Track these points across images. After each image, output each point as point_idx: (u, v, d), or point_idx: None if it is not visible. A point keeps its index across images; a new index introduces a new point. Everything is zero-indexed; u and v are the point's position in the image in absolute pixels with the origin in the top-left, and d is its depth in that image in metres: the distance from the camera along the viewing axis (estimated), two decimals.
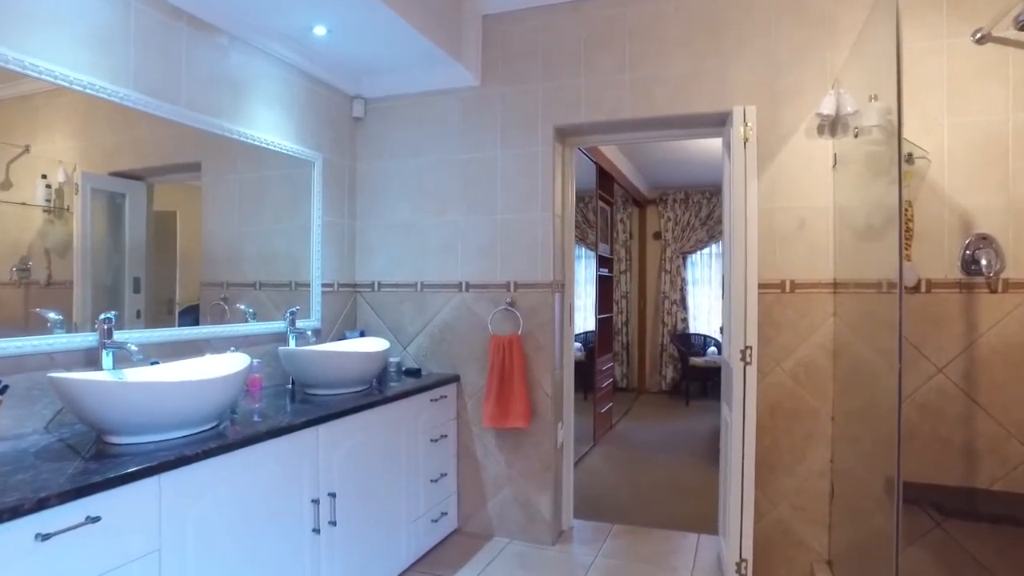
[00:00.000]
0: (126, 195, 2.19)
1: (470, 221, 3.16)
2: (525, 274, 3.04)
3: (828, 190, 2.61)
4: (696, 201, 7.51)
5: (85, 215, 2.02)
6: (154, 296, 2.31)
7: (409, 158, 3.29)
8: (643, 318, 7.85)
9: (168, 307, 2.39)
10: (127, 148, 2.16)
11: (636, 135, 3.07)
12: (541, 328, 3.01)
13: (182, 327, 2.37)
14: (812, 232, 2.63)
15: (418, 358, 3.25)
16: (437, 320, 3.22)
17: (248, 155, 2.71)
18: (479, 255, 3.13)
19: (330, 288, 3.19)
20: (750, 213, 2.45)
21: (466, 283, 3.16)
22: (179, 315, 2.41)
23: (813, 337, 2.62)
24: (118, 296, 2.18)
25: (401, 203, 3.31)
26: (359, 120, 3.39)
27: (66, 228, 1.97)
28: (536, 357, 3.02)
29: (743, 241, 2.46)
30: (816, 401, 2.63)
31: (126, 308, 2.20)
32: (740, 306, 2.46)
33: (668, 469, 4.52)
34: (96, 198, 2.08)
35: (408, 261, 3.29)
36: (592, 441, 5.16)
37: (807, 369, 2.63)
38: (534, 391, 3.02)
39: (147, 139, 2.23)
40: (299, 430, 2.03)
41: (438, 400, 2.97)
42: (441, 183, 3.22)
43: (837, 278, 2.59)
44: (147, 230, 2.26)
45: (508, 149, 3.08)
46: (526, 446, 3.05)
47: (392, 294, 3.32)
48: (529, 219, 3.03)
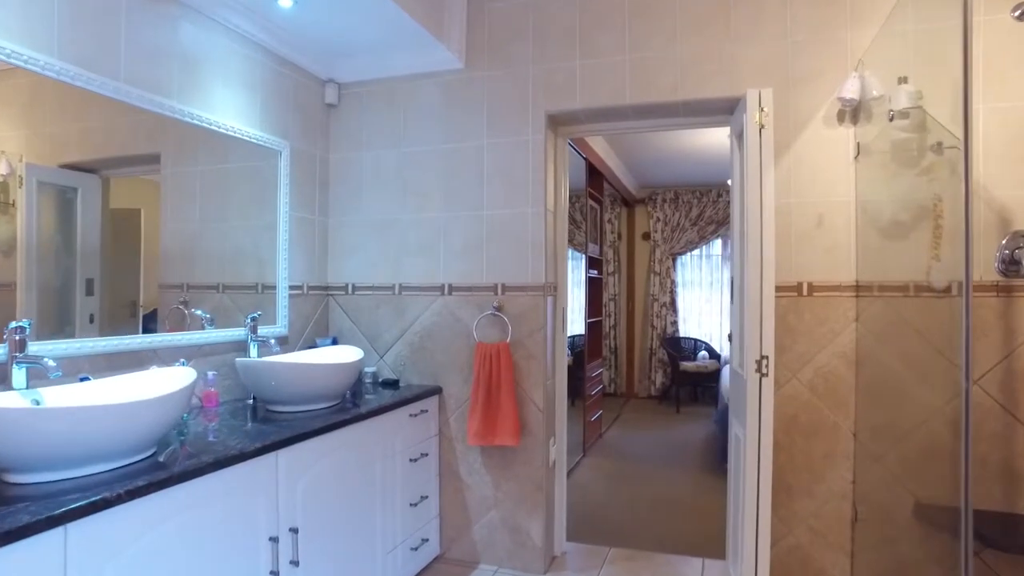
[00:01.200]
0: (78, 189, 1.98)
1: (453, 218, 2.88)
2: (514, 276, 2.77)
3: (849, 183, 2.37)
4: (686, 201, 7.29)
5: (31, 211, 1.82)
6: (113, 299, 2.11)
7: (387, 149, 3.01)
8: (632, 321, 7.62)
9: (131, 310, 2.17)
10: (78, 138, 1.97)
11: (637, 124, 2.81)
12: (531, 335, 2.74)
13: (124, 335, 2.06)
14: (831, 229, 2.39)
15: (396, 368, 2.97)
16: (417, 326, 2.94)
17: (211, 145, 2.45)
18: (463, 255, 2.86)
19: (298, 291, 2.89)
20: (767, 209, 2.20)
21: (449, 286, 2.88)
22: (144, 319, 2.20)
23: (833, 345, 2.38)
24: (68, 299, 1.96)
25: (378, 198, 3.02)
26: (332, 107, 3.10)
27: (9, 225, 1.77)
28: (526, 367, 2.75)
29: (759, 240, 2.21)
30: (836, 415, 2.38)
31: (77, 312, 1.98)
32: (755, 312, 2.20)
33: (663, 482, 4.27)
34: (44, 192, 1.87)
35: (385, 261, 3.00)
36: (582, 451, 4.90)
37: (826, 380, 2.39)
38: (524, 405, 2.75)
39: (100, 128, 2.03)
40: (254, 457, 1.73)
41: (418, 415, 2.69)
42: (422, 176, 2.94)
43: (860, 280, 2.35)
44: (103, 228, 2.05)
45: (495, 138, 2.81)
46: (515, 465, 2.77)
47: (368, 297, 3.03)
48: (518, 215, 2.76)
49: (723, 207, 7.17)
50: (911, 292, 2.28)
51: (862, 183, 2.34)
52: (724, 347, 7.27)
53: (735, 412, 2.50)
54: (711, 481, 4.27)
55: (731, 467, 2.57)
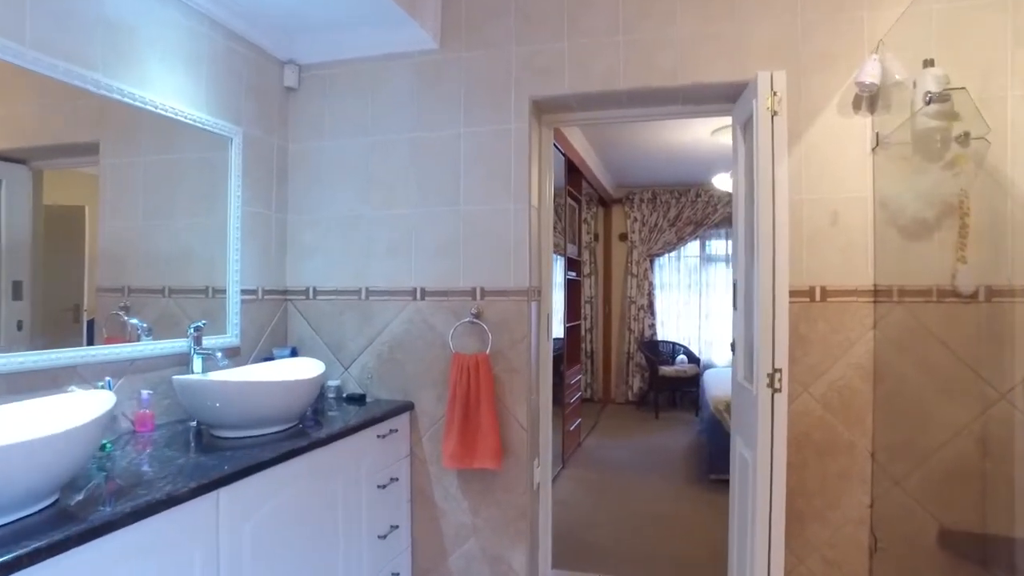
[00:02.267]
0: (1, 181, 1.72)
1: (427, 214, 2.59)
2: (494, 279, 2.49)
3: (866, 177, 2.15)
4: (664, 201, 7.11)
5: None
6: (51, 304, 1.89)
7: (353, 137, 2.70)
8: (608, 324, 7.41)
9: (74, 315, 1.96)
10: (4, 124, 1.72)
11: (632, 112, 2.56)
12: (514, 346, 2.47)
13: (31, 351, 1.73)
14: (847, 228, 2.17)
15: (362, 381, 2.66)
16: (386, 335, 2.64)
17: (155, 133, 2.17)
18: (437, 255, 2.57)
19: (252, 296, 2.58)
20: (780, 205, 1.97)
21: (421, 290, 2.59)
22: (89, 325, 1.98)
23: (848, 356, 2.16)
24: None
25: (342, 192, 2.71)
26: (292, 91, 2.78)
27: None
28: (508, 381, 2.47)
29: (771, 240, 1.97)
30: (852, 433, 2.16)
31: (2, 319, 1.72)
32: (767, 320, 1.97)
33: (649, 496, 4.04)
34: None
35: (350, 262, 2.70)
36: (561, 463, 4.66)
37: (841, 394, 2.17)
38: (506, 423, 2.47)
39: (30, 114, 1.79)
40: (188, 500, 1.43)
41: (387, 436, 2.39)
42: (392, 168, 2.64)
43: (878, 284, 2.14)
44: (34, 225, 1.81)
45: (474, 127, 2.53)
46: (496, 489, 2.49)
47: (331, 303, 2.72)
48: (499, 211, 2.49)
49: (701, 207, 7.01)
50: (934, 297, 2.08)
51: (881, 177, 2.12)
52: (703, 351, 7.11)
53: (740, 430, 2.26)
54: (698, 493, 4.06)
55: (734, 490, 2.34)
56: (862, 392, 2.14)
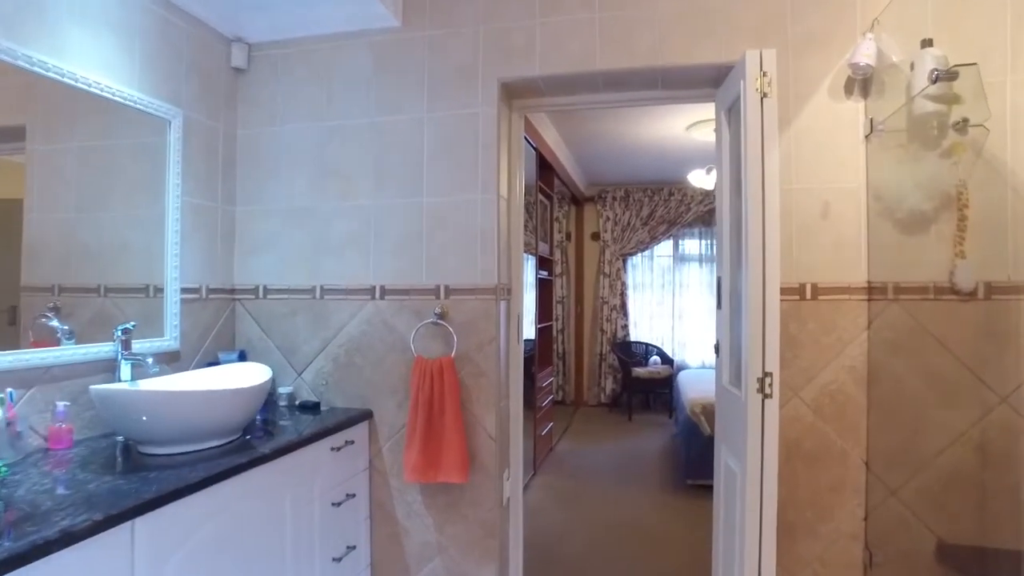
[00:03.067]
0: None
1: (387, 206, 2.38)
2: (460, 276, 2.29)
3: (859, 166, 2.02)
4: (637, 199, 6.99)
5: None
6: None
7: (307, 123, 2.48)
8: (580, 325, 7.26)
9: (10, 317, 1.78)
10: None
11: (608, 97, 2.38)
12: (481, 348, 2.27)
13: None
14: (839, 220, 2.03)
15: (316, 388, 2.44)
16: (342, 337, 2.42)
17: (88, 115, 1.96)
18: (398, 251, 2.37)
19: (195, 294, 2.34)
20: (771, 195, 1.81)
21: (381, 288, 2.38)
22: None
23: (841, 358, 2.02)
24: None
25: (296, 182, 2.49)
26: (240, 71, 2.55)
27: None
28: (475, 387, 2.28)
29: (760, 234, 1.81)
30: (845, 441, 2.02)
31: None
32: (756, 320, 1.81)
33: (625, 504, 3.88)
34: None
35: (304, 258, 2.48)
36: (533, 469, 4.47)
37: (833, 399, 2.02)
38: (473, 433, 2.28)
39: None
40: (96, 534, 1.20)
41: (342, 448, 2.18)
42: (349, 156, 2.43)
43: (872, 280, 2.00)
44: None
45: (438, 111, 2.34)
46: (463, 505, 2.30)
47: (282, 302, 2.49)
48: (466, 203, 2.29)
49: (675, 206, 6.91)
50: (931, 295, 1.94)
51: (874, 166, 1.99)
52: (676, 352, 7.01)
53: (726, 439, 2.10)
54: (675, 500, 3.92)
55: (719, 502, 2.18)
56: (855, 397, 2.00)
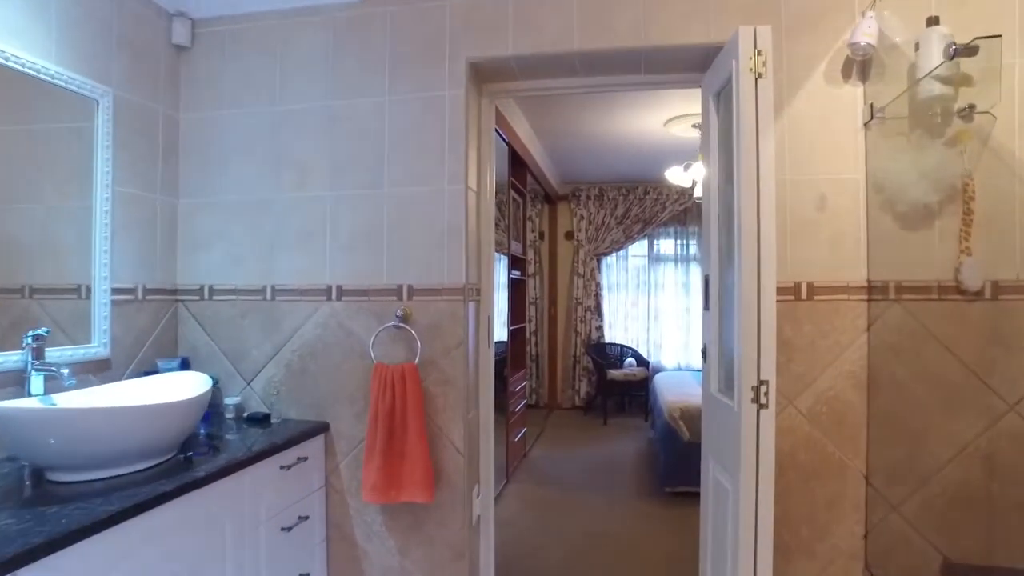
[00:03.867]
0: None
1: (345, 197, 2.17)
2: (424, 275, 2.09)
3: (857, 155, 1.87)
4: (612, 198, 6.85)
5: None
6: None
7: (258, 107, 2.26)
8: (554, 327, 7.09)
9: None
10: None
11: (586, 82, 2.20)
12: (448, 353, 2.07)
13: None
14: (836, 214, 1.88)
15: (267, 398, 2.22)
16: (296, 342, 2.20)
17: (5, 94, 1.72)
18: (357, 247, 2.15)
19: (129, 295, 2.10)
20: (766, 186, 1.65)
21: (338, 288, 2.17)
22: None
23: (839, 363, 1.86)
24: None
25: (245, 172, 2.26)
26: (183, 50, 2.31)
27: None
28: (441, 396, 2.08)
29: (754, 228, 1.65)
30: (843, 452, 1.87)
31: None
32: (750, 323, 1.64)
33: (600, 513, 3.70)
34: None
35: (254, 256, 2.25)
36: (505, 477, 4.28)
37: (831, 408, 1.87)
38: (438, 446, 2.07)
39: None
40: None
41: (294, 466, 1.96)
42: (304, 143, 2.21)
43: (872, 279, 1.85)
44: None
45: (401, 94, 2.13)
46: (428, 525, 2.09)
47: (230, 304, 2.26)
48: (431, 194, 2.09)
49: (650, 205, 6.78)
50: (936, 295, 1.80)
51: (875, 156, 1.84)
52: (652, 353, 6.88)
53: (715, 452, 1.94)
54: (654, 508, 3.76)
55: (707, 519, 2.01)
56: (855, 405, 1.85)
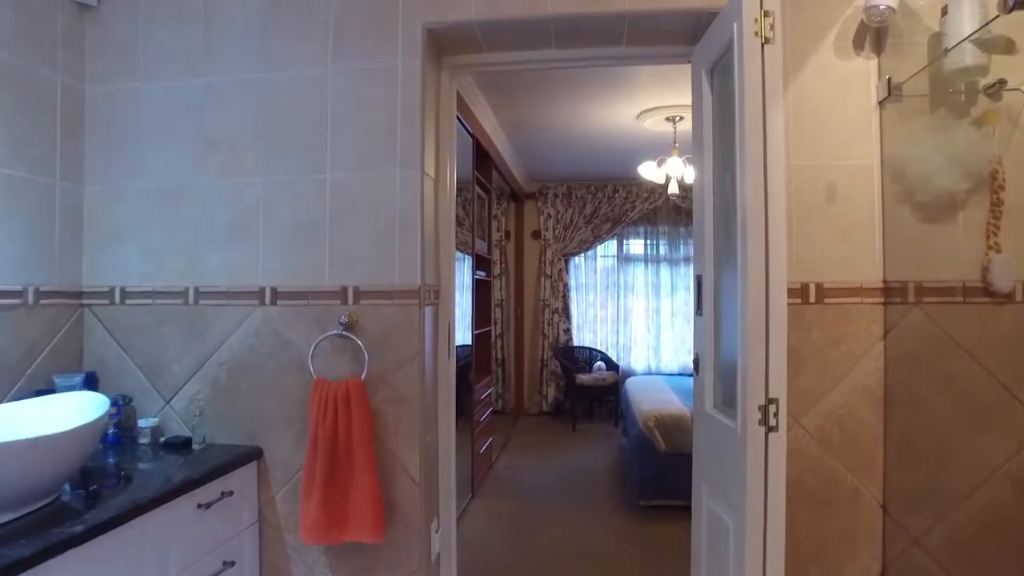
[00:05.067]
0: None
1: (281, 184, 1.86)
2: (373, 274, 1.80)
3: (871, 139, 1.64)
4: (580, 196, 6.63)
5: None
6: None
7: (179, 78, 1.93)
8: (521, 330, 6.83)
9: None
10: None
11: (560, 55, 1.93)
12: (401, 367, 1.78)
13: None
14: (848, 205, 1.65)
15: (190, 419, 1.89)
16: (224, 353, 1.88)
17: None
18: (295, 242, 1.84)
19: (16, 299, 1.75)
20: (775, 169, 1.40)
21: (272, 290, 1.85)
22: None
23: (852, 375, 1.63)
24: None
25: (164, 154, 1.93)
26: (89, 9, 1.97)
27: None
28: (393, 416, 1.78)
29: (761, 220, 1.40)
30: (857, 478, 1.64)
31: None
32: (757, 331, 1.40)
33: (572, 529, 3.45)
34: None
35: (175, 252, 1.92)
36: (470, 492, 3.99)
37: (843, 427, 1.64)
38: (390, 475, 1.78)
39: None
40: None
41: (217, 502, 1.64)
42: (234, 121, 1.89)
43: (889, 279, 1.63)
44: None
45: (347, 64, 1.83)
46: (379, 565, 1.79)
47: (146, 309, 1.93)
48: (381, 181, 1.80)
49: (620, 204, 6.57)
50: (961, 297, 1.58)
51: (891, 138, 1.61)
52: (622, 357, 6.66)
53: (710, 479, 1.68)
54: (628, 524, 3.52)
55: (700, 554, 1.76)
56: (870, 424, 1.62)
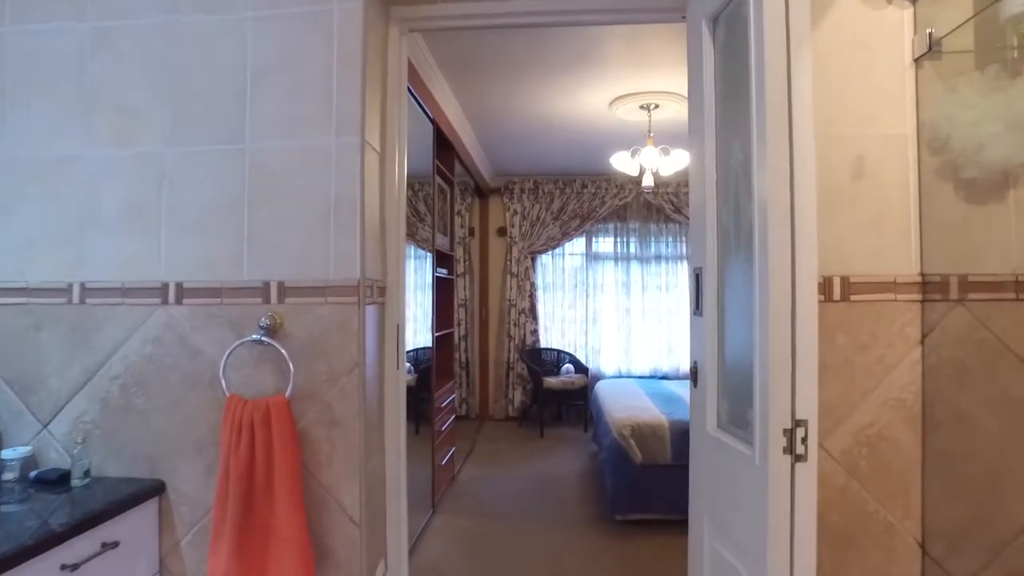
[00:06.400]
0: None
1: (189, 156, 1.50)
2: (302, 266, 1.46)
3: (905, 103, 1.37)
4: (547, 192, 6.35)
5: None
6: None
7: (59, 21, 1.56)
8: (485, 331, 6.52)
9: None
10: None
11: (531, 5, 1.61)
12: (335, 380, 1.44)
13: None
14: (877, 183, 1.37)
15: (71, 447, 1.51)
16: (117, 365, 1.51)
17: None
18: (205, 228, 1.49)
19: None
20: (802, 137, 1.12)
21: (178, 286, 1.50)
22: None
23: (884, 387, 1.36)
24: None
25: (41, 117, 1.56)
26: None
27: None
28: (327, 442, 1.44)
29: (787, 198, 1.12)
30: (890, 511, 1.36)
31: None
32: (781, 337, 1.11)
33: (543, 548, 3.15)
34: None
35: (54, 240, 1.55)
36: (431, 508, 3.67)
37: (873, 450, 1.36)
38: (323, 515, 1.44)
39: None
40: None
41: (93, 559, 1.27)
42: (128, 76, 1.53)
43: (927, 272, 1.36)
44: None
45: (270, 7, 1.49)
46: None
47: (19, 310, 1.55)
48: (313, 152, 1.46)
49: (588, 199, 6.31)
50: (1013, 293, 1.32)
51: (930, 103, 1.34)
52: (591, 359, 6.40)
53: (714, 514, 1.39)
54: (603, 540, 3.24)
55: None
56: (905, 445, 1.35)
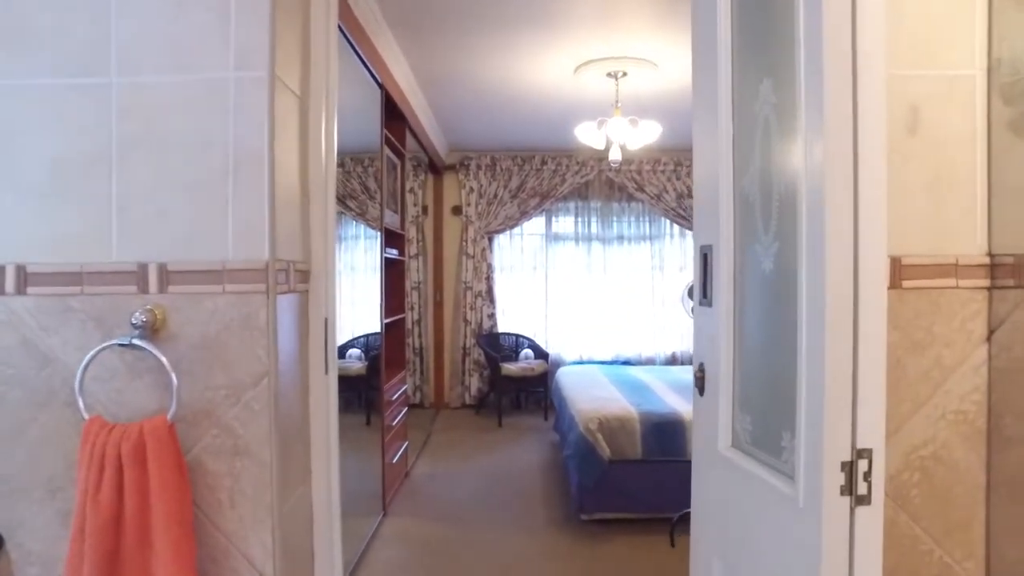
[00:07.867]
0: None
1: (28, 94, 1.11)
2: (191, 244, 1.09)
3: (972, 38, 1.08)
4: (505, 168, 6.03)
5: None
6: None
7: None
8: (440, 315, 6.19)
9: None
10: None
11: None
12: (237, 394, 1.08)
13: None
14: (936, 140, 1.08)
15: None
16: None
17: None
18: (57, 192, 1.10)
19: None
20: (870, 81, 0.82)
21: (18, 270, 1.11)
22: None
23: (941, 396, 1.08)
24: None
25: None
26: None
27: None
28: (228, 478, 1.09)
29: (850, 163, 0.82)
30: (947, 550, 1.09)
31: None
32: (841, 340, 0.81)
33: (504, 551, 2.89)
34: None
35: None
36: (381, 510, 3.35)
37: (927, 475, 1.09)
38: (224, 573, 1.09)
39: None
40: None
41: None
42: None
43: (997, 252, 1.08)
44: None
45: None
46: None
47: None
48: (203, 89, 1.08)
49: (548, 177, 6.01)
50: None
51: (1007, 35, 1.06)
52: (550, 344, 6.13)
53: (729, 557, 1.10)
54: (568, 542, 3.02)
55: None
56: (967, 469, 1.08)
